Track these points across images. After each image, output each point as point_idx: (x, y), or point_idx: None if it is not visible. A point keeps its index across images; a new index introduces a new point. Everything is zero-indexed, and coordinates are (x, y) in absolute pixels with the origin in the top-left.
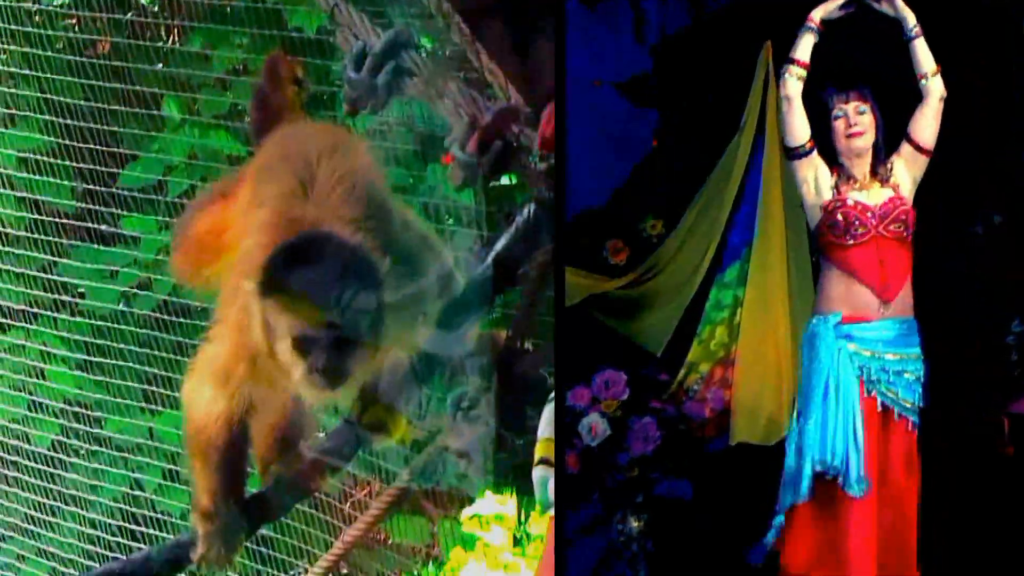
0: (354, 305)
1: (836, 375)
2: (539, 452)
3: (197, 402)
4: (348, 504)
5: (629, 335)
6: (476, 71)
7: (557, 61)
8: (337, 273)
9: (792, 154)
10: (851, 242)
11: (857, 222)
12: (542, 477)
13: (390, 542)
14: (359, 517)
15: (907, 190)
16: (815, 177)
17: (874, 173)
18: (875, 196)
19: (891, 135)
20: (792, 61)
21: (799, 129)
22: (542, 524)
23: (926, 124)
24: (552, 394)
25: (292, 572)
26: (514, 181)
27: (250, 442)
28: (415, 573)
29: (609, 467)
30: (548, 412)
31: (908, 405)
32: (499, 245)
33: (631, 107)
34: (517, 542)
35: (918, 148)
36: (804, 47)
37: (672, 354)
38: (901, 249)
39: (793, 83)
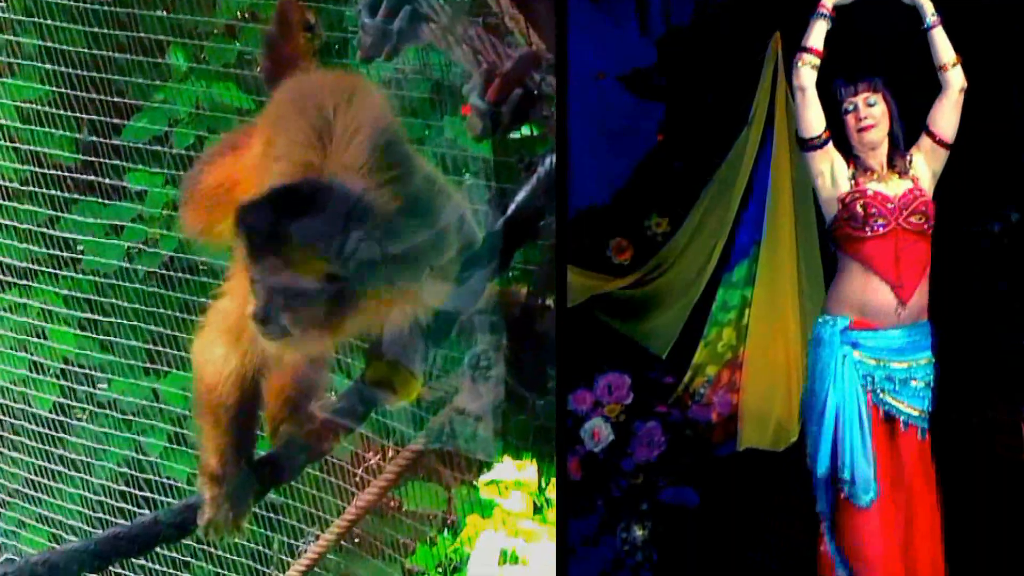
0: (302, 256)
1: (841, 383)
2: None
3: (208, 360)
4: (361, 468)
5: (633, 337)
6: (496, 16)
7: (558, 54)
8: (297, 223)
9: (807, 146)
10: (870, 233)
11: (877, 212)
12: None
13: (404, 508)
14: (372, 482)
15: (926, 183)
16: (831, 169)
17: (891, 165)
18: (894, 187)
19: (911, 126)
20: (805, 49)
21: (814, 119)
22: None
23: (945, 116)
24: None
25: (303, 539)
26: (535, 132)
27: (261, 402)
28: (430, 540)
29: (613, 473)
30: None
31: (916, 413)
32: (519, 197)
33: (635, 101)
34: (537, 509)
35: (937, 141)
36: (817, 34)
37: (678, 357)
38: (920, 243)
39: (807, 72)
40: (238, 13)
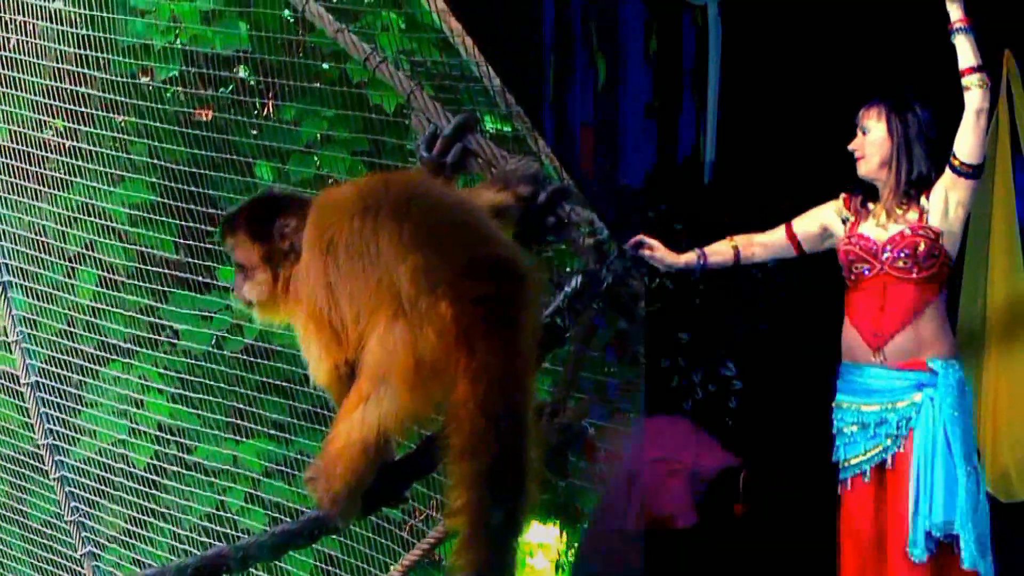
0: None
1: None
2: None
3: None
4: (406, 531)
5: None
6: (535, 154)
7: None
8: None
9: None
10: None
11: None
12: None
13: (444, 563)
14: (417, 544)
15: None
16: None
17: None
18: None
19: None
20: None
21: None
22: None
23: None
24: None
25: None
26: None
27: None
28: None
29: None
30: None
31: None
32: (547, 311)
33: None
34: (559, 568)
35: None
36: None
37: None
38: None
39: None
40: (317, 135)
